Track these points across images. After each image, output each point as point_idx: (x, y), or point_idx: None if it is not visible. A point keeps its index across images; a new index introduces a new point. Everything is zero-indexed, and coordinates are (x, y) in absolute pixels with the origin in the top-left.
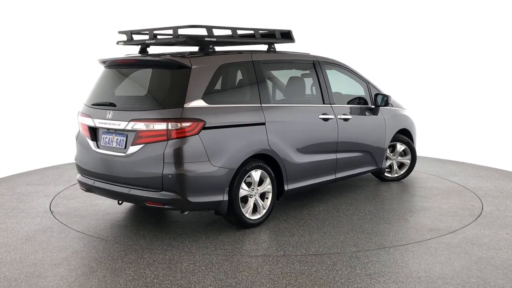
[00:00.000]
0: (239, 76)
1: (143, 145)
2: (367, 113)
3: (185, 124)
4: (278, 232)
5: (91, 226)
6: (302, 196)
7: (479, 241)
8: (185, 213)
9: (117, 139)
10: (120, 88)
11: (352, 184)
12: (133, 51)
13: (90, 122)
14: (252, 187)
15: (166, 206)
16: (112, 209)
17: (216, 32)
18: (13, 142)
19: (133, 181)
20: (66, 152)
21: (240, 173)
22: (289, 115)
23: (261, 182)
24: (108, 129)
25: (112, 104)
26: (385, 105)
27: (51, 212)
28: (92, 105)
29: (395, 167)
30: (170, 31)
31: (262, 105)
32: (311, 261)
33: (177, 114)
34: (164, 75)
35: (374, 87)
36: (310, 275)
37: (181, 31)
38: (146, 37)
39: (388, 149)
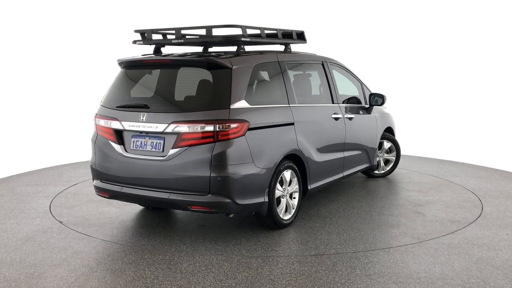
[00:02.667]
0: (269, 76)
1: (186, 147)
2: (363, 112)
3: (233, 125)
4: (313, 231)
5: (114, 235)
6: (308, 195)
7: (479, 241)
8: (230, 216)
9: (152, 142)
10: (150, 90)
11: (345, 181)
12: (138, 51)
13: (117, 125)
14: (284, 187)
15: (213, 210)
16: (125, 215)
17: (230, 31)
18: (13, 142)
19: (174, 186)
20: (66, 153)
21: (276, 173)
22: (310, 114)
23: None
24: (141, 132)
25: (145, 106)
26: (380, 105)
27: (60, 222)
28: (118, 107)
29: (382, 163)
30: (192, 31)
31: (290, 105)
32: (311, 262)
33: (224, 115)
34: (204, 76)
35: (366, 86)
36: (310, 276)
37: (211, 31)
38: (161, 36)
39: None
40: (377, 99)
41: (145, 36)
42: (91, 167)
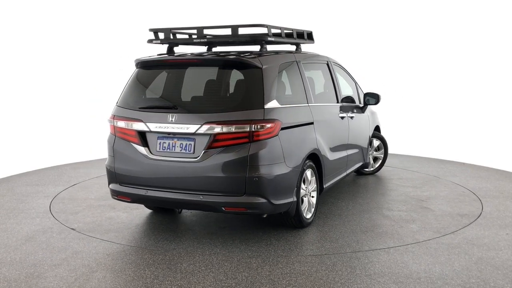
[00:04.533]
0: (290, 76)
1: (220, 148)
2: (358, 112)
3: (268, 125)
4: (337, 229)
5: (137, 239)
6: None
7: (479, 241)
8: (264, 216)
9: (182, 143)
10: (176, 90)
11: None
12: (138, 51)
13: (141, 126)
14: (305, 186)
15: (249, 211)
16: (138, 219)
17: (257, 30)
18: (13, 142)
19: (207, 187)
20: (66, 153)
21: (301, 173)
22: (325, 114)
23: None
24: (169, 133)
25: (174, 107)
26: (375, 104)
27: (72, 229)
28: (141, 108)
29: (371, 161)
30: (214, 30)
31: (309, 104)
32: (311, 262)
33: (259, 115)
34: (236, 76)
35: (359, 86)
36: (310, 276)
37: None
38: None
39: None
40: (372, 99)
41: (158, 35)
42: (108, 170)
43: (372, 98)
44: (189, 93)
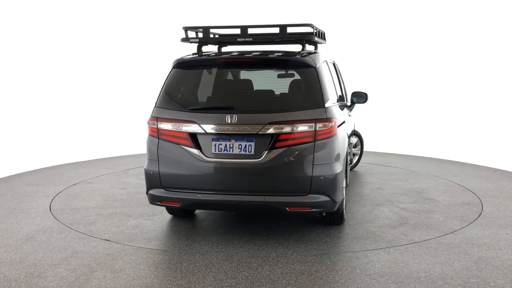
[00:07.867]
0: (326, 75)
1: (284, 148)
2: (348, 110)
3: (330, 124)
4: (368, 224)
5: (173, 244)
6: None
7: (479, 241)
8: (323, 214)
9: (240, 144)
10: (230, 90)
11: None
12: (138, 51)
13: (195, 128)
14: None
15: (313, 210)
16: (169, 224)
17: (294, 30)
18: (13, 142)
19: (271, 188)
20: (66, 153)
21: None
22: (345, 112)
23: None
24: (226, 134)
25: (232, 108)
26: (363, 103)
27: (106, 240)
28: (192, 109)
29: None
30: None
31: (338, 103)
32: (311, 261)
33: (322, 114)
34: (292, 75)
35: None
36: (310, 275)
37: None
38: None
39: None
40: (360, 98)
41: (188, 33)
42: (150, 175)
43: (361, 98)
44: (243, 93)
